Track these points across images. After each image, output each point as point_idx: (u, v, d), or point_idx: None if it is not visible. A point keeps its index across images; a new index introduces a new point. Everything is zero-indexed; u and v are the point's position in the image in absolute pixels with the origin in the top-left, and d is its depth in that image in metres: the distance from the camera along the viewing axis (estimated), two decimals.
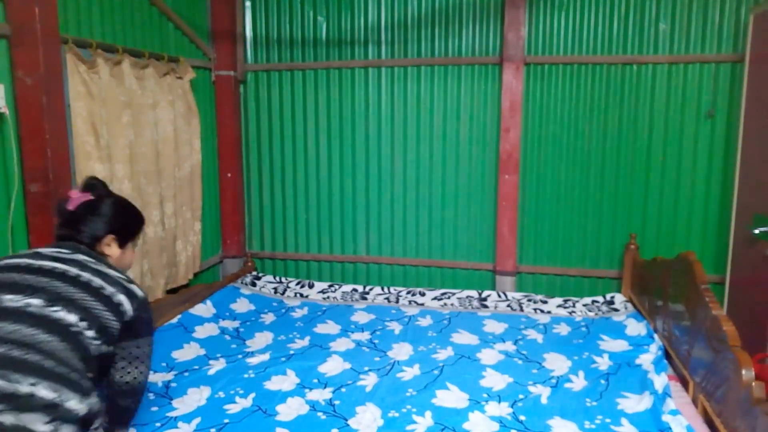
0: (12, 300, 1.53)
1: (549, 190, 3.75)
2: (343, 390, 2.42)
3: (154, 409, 2.26)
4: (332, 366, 2.66)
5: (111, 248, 1.88)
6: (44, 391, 1.39)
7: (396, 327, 3.15)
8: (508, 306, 3.50)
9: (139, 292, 1.78)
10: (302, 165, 4.08)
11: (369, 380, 2.52)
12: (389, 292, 3.71)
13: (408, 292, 3.70)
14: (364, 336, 3.03)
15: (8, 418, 1.33)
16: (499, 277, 3.82)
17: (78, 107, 2.68)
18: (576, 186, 3.70)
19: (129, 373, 1.79)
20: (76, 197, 1.86)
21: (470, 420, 2.19)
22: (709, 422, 2.19)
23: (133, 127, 3.02)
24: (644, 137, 3.56)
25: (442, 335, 3.03)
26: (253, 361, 2.71)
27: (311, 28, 3.95)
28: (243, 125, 4.14)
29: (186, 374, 2.56)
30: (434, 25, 3.78)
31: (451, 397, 2.37)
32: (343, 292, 3.74)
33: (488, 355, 2.78)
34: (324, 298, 3.67)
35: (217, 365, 2.65)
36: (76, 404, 1.44)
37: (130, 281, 1.79)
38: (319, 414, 2.24)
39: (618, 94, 3.57)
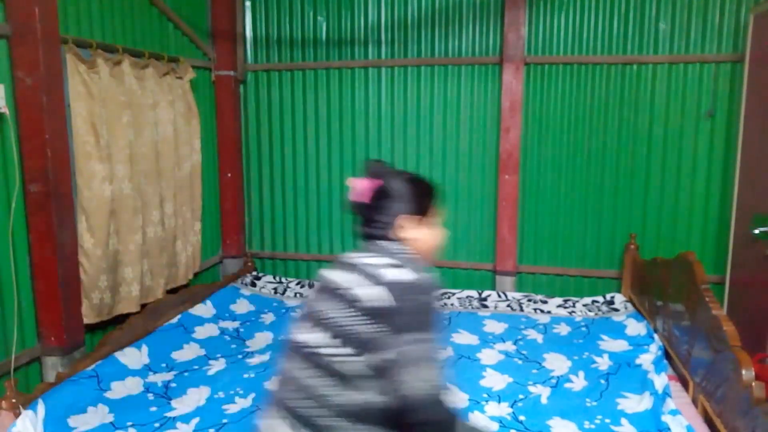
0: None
1: (549, 190, 3.75)
2: None
3: (153, 409, 2.26)
4: None
5: (405, 230, 1.48)
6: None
7: None
8: (508, 306, 3.50)
9: (405, 276, 1.32)
10: (302, 165, 4.08)
11: None
12: None
13: None
14: None
15: None
16: (499, 277, 3.82)
17: (78, 107, 2.68)
18: (576, 186, 3.70)
19: (405, 383, 1.28)
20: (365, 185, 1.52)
21: (469, 420, 2.18)
22: (709, 422, 2.19)
23: (133, 127, 3.02)
24: (644, 137, 3.56)
25: (442, 334, 3.02)
26: (253, 361, 2.71)
27: (311, 28, 3.95)
28: (243, 125, 4.14)
29: (186, 374, 2.56)
30: (434, 25, 3.77)
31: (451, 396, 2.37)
32: None
33: (488, 355, 2.78)
34: None
35: (217, 365, 2.66)
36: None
37: (398, 265, 1.36)
38: None
39: (618, 94, 3.57)
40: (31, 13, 2.38)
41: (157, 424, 2.14)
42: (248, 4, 4.02)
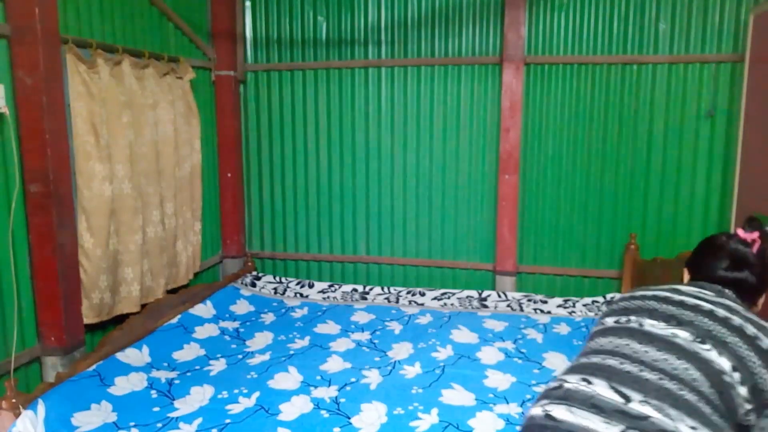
0: (654, 326, 1.36)
1: (549, 189, 3.75)
2: (348, 388, 2.43)
3: (156, 409, 2.26)
4: (333, 366, 2.66)
5: (759, 302, 1.56)
6: None
7: (396, 327, 3.15)
8: (508, 306, 3.49)
9: None
10: (302, 165, 4.08)
11: (372, 378, 2.52)
12: (389, 292, 3.71)
13: (408, 292, 3.69)
14: (364, 336, 3.03)
15: None
16: (499, 277, 3.82)
17: (78, 107, 2.67)
18: (576, 186, 3.70)
19: None
20: (755, 239, 1.54)
21: (477, 417, 2.19)
22: None
23: (133, 127, 3.02)
24: (644, 137, 3.56)
25: (442, 333, 3.02)
26: (254, 361, 2.71)
27: (311, 28, 3.95)
28: (243, 125, 4.13)
29: (188, 374, 2.56)
30: (434, 25, 3.77)
31: (457, 395, 2.37)
32: (343, 292, 3.74)
33: (488, 354, 2.78)
34: (324, 298, 3.67)
35: (217, 366, 2.66)
36: None
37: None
38: (322, 412, 2.24)
39: (618, 94, 3.57)
40: (31, 13, 2.38)
41: (159, 425, 2.14)
42: (248, 4, 4.02)
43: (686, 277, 1.64)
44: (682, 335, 1.31)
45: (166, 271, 3.36)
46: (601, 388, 1.23)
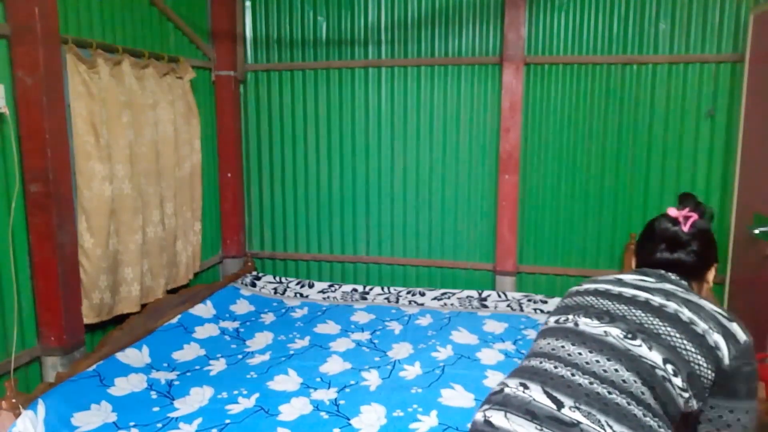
0: (588, 324, 1.35)
1: (549, 190, 3.75)
2: (347, 390, 2.43)
3: (156, 409, 2.26)
4: (333, 366, 2.66)
5: (709, 278, 1.52)
6: None
7: (396, 327, 3.15)
8: (508, 306, 3.49)
9: (743, 336, 1.31)
10: (302, 165, 4.08)
11: (372, 380, 2.52)
12: (389, 292, 3.71)
13: (408, 292, 3.69)
14: (364, 336, 3.03)
15: None
16: (499, 277, 3.82)
17: (78, 107, 2.67)
18: (576, 186, 3.70)
19: None
20: (687, 216, 1.49)
21: None
22: None
23: (133, 127, 3.02)
24: (644, 137, 3.56)
25: (442, 333, 3.03)
26: (254, 361, 2.71)
27: (311, 28, 3.95)
28: (243, 125, 4.13)
29: (188, 374, 2.56)
30: (434, 25, 3.77)
31: (456, 396, 2.37)
32: (343, 292, 3.74)
33: (488, 355, 2.78)
34: (324, 298, 3.67)
35: (217, 365, 2.66)
36: None
37: (732, 319, 1.33)
38: (322, 414, 2.24)
39: (618, 94, 3.57)
40: (31, 13, 2.38)
41: (159, 425, 2.14)
42: (248, 4, 4.02)
43: (633, 263, 1.62)
44: (614, 332, 1.31)
45: (166, 271, 3.37)
46: (536, 393, 1.25)
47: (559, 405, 1.21)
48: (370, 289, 3.75)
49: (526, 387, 1.28)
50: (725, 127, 3.44)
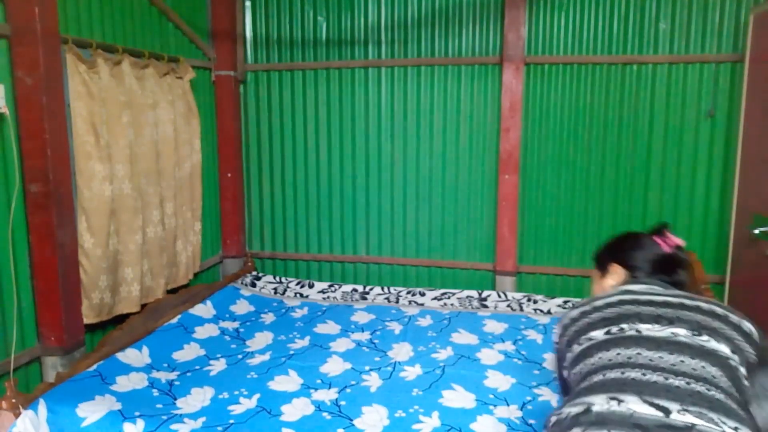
0: (651, 329, 1.32)
1: (549, 190, 3.75)
2: (348, 390, 2.42)
3: (159, 406, 2.26)
4: (333, 366, 2.66)
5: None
6: None
7: (396, 327, 3.15)
8: (508, 306, 3.49)
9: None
10: (302, 165, 4.08)
11: (372, 380, 2.52)
12: (389, 292, 3.70)
13: (408, 292, 3.69)
14: (364, 336, 3.03)
15: None
16: (499, 277, 3.82)
17: (78, 107, 2.67)
18: (576, 186, 3.70)
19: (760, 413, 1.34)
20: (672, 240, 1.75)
21: (477, 421, 2.18)
22: None
23: (133, 127, 3.02)
24: (644, 137, 3.56)
25: (442, 335, 3.02)
26: (254, 361, 2.70)
27: (311, 28, 3.95)
28: (243, 125, 4.14)
29: (188, 374, 2.56)
30: (434, 25, 3.78)
31: (457, 397, 2.37)
32: (343, 292, 3.74)
33: (488, 355, 2.78)
34: (324, 298, 3.67)
35: (217, 366, 2.65)
36: None
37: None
38: (324, 414, 2.23)
39: (618, 94, 3.57)
40: (31, 13, 2.38)
41: (164, 417, 2.14)
42: (248, 4, 4.02)
43: (616, 277, 1.67)
44: (681, 332, 1.29)
45: (166, 271, 3.36)
46: (635, 405, 1.17)
47: (666, 411, 1.15)
48: (370, 289, 3.75)
49: (620, 401, 1.19)
50: (725, 127, 3.44)
